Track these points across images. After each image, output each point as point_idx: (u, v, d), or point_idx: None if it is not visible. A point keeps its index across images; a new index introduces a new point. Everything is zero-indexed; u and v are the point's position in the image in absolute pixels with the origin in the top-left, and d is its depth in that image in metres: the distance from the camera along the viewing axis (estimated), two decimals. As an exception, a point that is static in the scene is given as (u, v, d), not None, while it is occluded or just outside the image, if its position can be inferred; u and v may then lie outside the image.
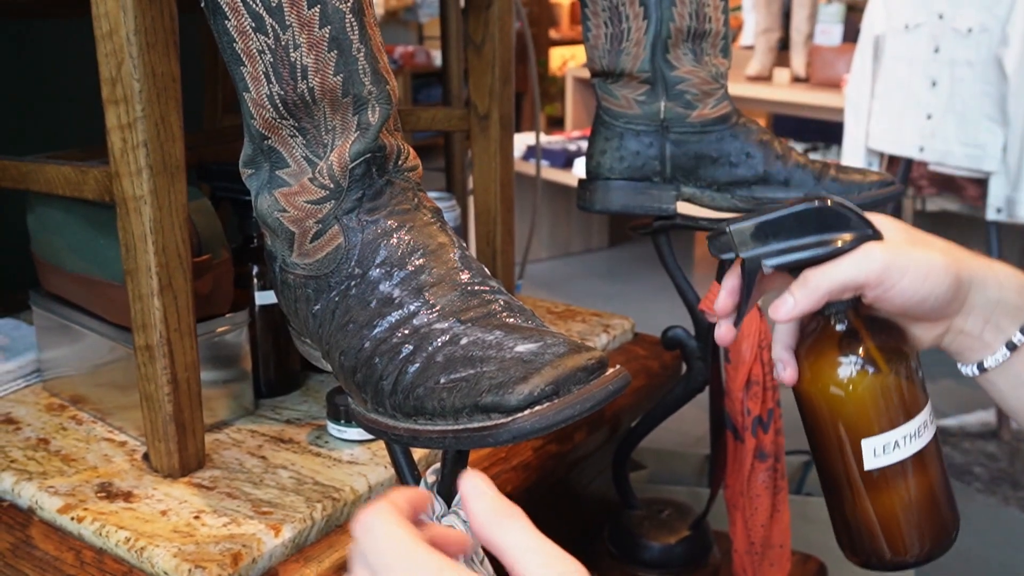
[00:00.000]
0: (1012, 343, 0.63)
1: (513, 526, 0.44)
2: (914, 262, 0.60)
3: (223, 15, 0.62)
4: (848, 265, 0.60)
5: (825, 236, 0.61)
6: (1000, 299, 0.63)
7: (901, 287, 0.60)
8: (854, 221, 0.62)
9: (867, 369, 0.62)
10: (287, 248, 0.68)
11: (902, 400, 0.63)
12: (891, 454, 0.63)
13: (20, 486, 0.85)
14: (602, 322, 1.26)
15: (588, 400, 0.54)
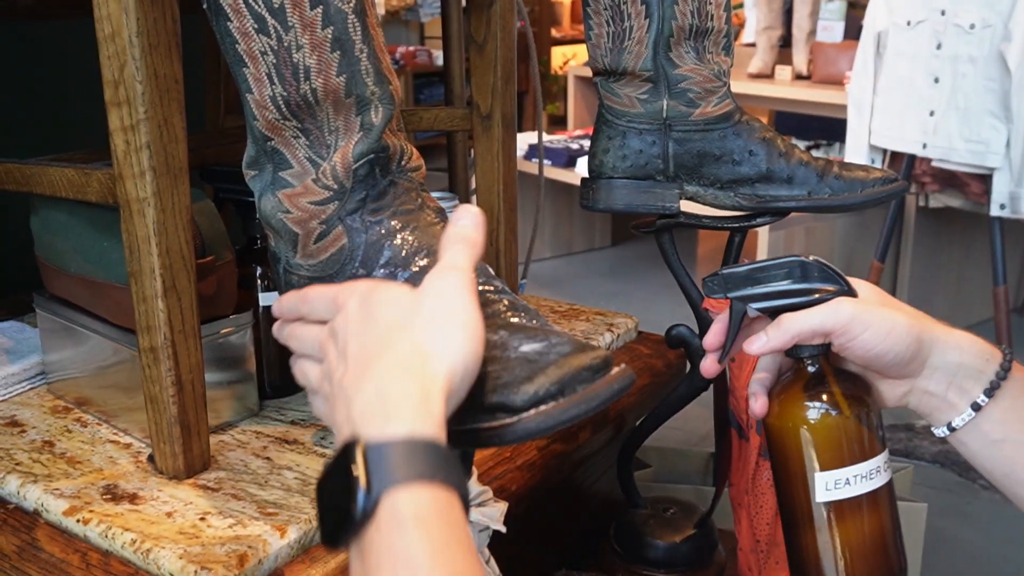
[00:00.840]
0: (977, 404, 0.68)
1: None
2: (878, 318, 0.67)
3: (225, 17, 0.62)
4: (818, 313, 0.67)
5: (804, 286, 0.69)
6: (961, 363, 0.69)
7: (864, 339, 0.67)
8: (832, 278, 0.69)
9: (829, 409, 0.68)
10: (291, 249, 0.68)
11: (858, 443, 0.69)
12: (842, 490, 0.68)
13: (26, 489, 0.85)
14: (606, 321, 1.26)
15: (593, 399, 0.54)
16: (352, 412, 0.51)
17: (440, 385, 0.52)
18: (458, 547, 0.47)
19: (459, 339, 0.53)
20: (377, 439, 0.49)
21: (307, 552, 0.79)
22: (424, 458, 0.48)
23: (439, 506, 0.48)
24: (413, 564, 0.45)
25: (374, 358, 0.52)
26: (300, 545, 0.78)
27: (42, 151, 1.02)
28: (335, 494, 0.49)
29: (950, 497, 2.19)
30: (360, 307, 0.56)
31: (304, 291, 0.61)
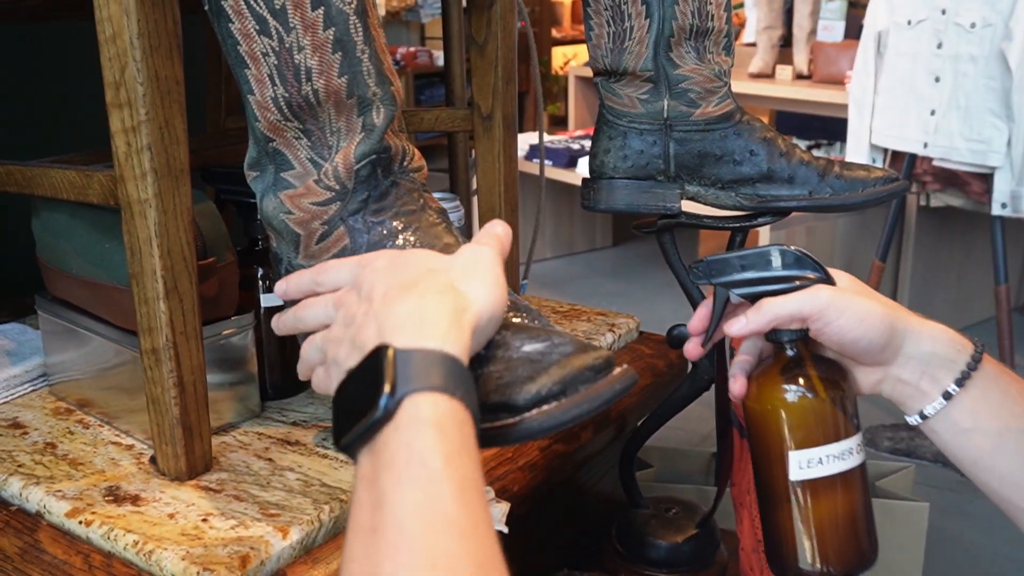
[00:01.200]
0: (948, 393, 0.71)
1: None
2: (853, 305, 0.70)
3: (227, 18, 0.62)
4: (795, 299, 0.70)
5: (784, 274, 0.72)
6: (934, 352, 0.71)
7: (839, 324, 0.69)
8: (812, 266, 0.72)
9: (805, 391, 0.71)
10: (293, 250, 0.68)
11: (832, 425, 0.71)
12: (814, 469, 0.71)
13: (28, 491, 0.85)
14: (607, 321, 1.26)
15: (596, 399, 0.54)
16: (383, 326, 0.54)
17: (470, 318, 0.55)
18: (468, 457, 0.49)
19: (488, 290, 0.57)
20: (407, 346, 0.51)
21: (309, 553, 0.79)
22: (449, 373, 0.51)
23: (458, 418, 0.50)
24: (427, 463, 0.47)
25: (408, 287, 0.55)
26: (302, 546, 0.78)
27: (43, 153, 1.02)
28: (356, 396, 0.51)
29: (952, 496, 2.19)
30: (390, 261, 0.59)
31: (321, 264, 0.64)
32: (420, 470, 0.47)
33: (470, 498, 0.47)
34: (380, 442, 0.49)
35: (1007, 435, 0.70)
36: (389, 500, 0.47)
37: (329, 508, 0.81)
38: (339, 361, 0.57)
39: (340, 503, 0.82)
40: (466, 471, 0.48)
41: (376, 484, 0.48)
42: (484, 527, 0.47)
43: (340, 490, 0.84)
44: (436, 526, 0.45)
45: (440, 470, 0.47)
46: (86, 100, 1.06)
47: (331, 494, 0.83)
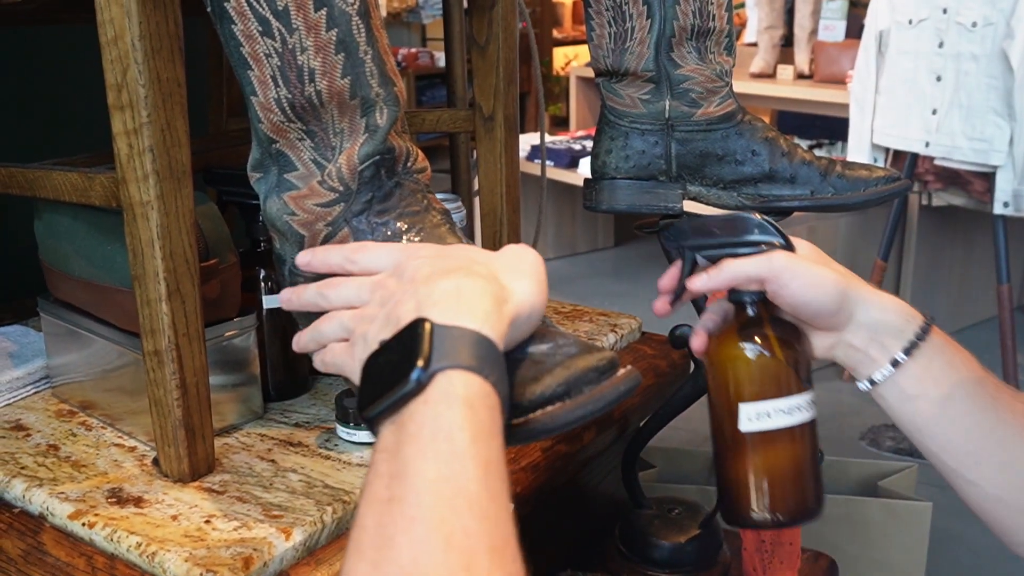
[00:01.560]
0: (896, 360, 0.74)
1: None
2: (808, 271, 0.73)
3: (229, 20, 0.62)
4: (753, 261, 0.74)
5: (748, 239, 0.77)
6: (883, 320, 0.74)
7: (792, 288, 0.73)
8: (774, 234, 0.76)
9: (759, 348, 0.75)
10: (296, 251, 0.68)
11: (784, 381, 0.75)
12: (763, 421, 0.75)
13: (31, 493, 0.85)
14: (610, 322, 1.26)
15: (600, 400, 0.54)
16: (423, 302, 0.53)
17: (510, 309, 0.55)
18: (495, 441, 0.49)
19: (530, 286, 0.57)
20: (446, 323, 0.51)
21: (312, 555, 0.79)
22: (486, 355, 0.51)
23: (489, 401, 0.50)
24: (454, 439, 0.47)
25: (451, 270, 0.55)
26: (305, 547, 0.78)
27: (44, 155, 1.02)
28: (387, 367, 0.51)
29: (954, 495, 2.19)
30: (435, 250, 0.59)
31: (358, 243, 0.64)
32: (445, 445, 0.47)
33: (493, 481, 0.47)
34: (406, 414, 0.49)
35: (950, 403, 0.73)
36: (410, 472, 0.46)
37: (332, 509, 0.81)
38: (369, 337, 0.56)
39: (343, 504, 0.82)
40: (492, 454, 0.48)
41: (398, 456, 0.47)
42: (504, 512, 0.47)
43: (343, 491, 0.84)
44: (456, 503, 0.45)
45: (466, 448, 0.47)
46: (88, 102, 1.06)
47: (334, 495, 0.83)
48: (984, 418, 0.73)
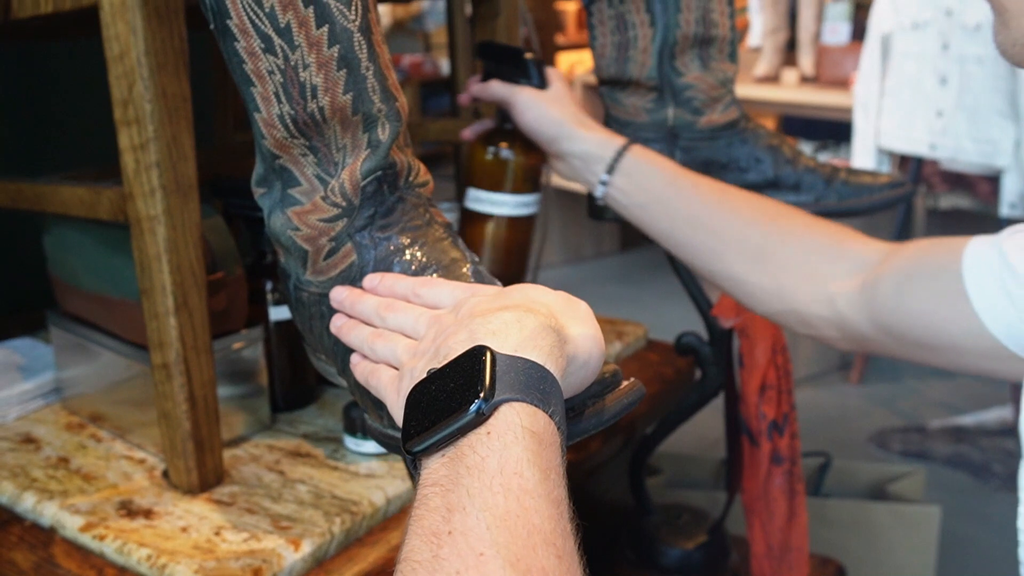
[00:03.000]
0: (603, 180, 0.93)
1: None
2: (538, 107, 0.93)
3: (233, 37, 0.62)
4: (506, 89, 0.95)
5: (518, 71, 0.96)
6: (587, 150, 0.93)
7: (526, 118, 0.94)
8: (534, 75, 0.96)
9: (496, 148, 0.97)
10: (301, 266, 0.69)
11: (508, 179, 0.97)
12: (478, 204, 0.97)
13: (42, 505, 0.86)
14: (615, 329, 1.26)
15: (603, 414, 0.54)
16: (477, 331, 0.50)
17: (569, 352, 0.52)
18: (560, 480, 0.46)
19: (587, 332, 0.54)
20: (509, 352, 0.48)
21: (321, 565, 0.79)
22: (550, 391, 0.48)
23: (555, 439, 0.47)
24: (523, 475, 0.44)
25: (511, 306, 0.52)
26: (314, 558, 0.79)
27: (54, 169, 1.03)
28: (439, 396, 0.48)
29: (964, 499, 2.18)
30: (496, 290, 0.57)
31: (427, 278, 0.63)
32: (516, 480, 0.43)
33: (565, 522, 0.44)
34: (464, 446, 0.45)
35: (652, 205, 0.91)
36: (476, 506, 0.42)
37: (340, 520, 0.82)
38: (415, 373, 0.53)
39: (351, 515, 0.83)
40: (562, 494, 0.45)
41: (456, 489, 0.44)
42: (578, 556, 0.44)
43: (351, 502, 0.84)
44: (532, 540, 0.42)
45: (537, 484, 0.44)
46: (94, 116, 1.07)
47: (342, 506, 0.84)
48: (691, 208, 0.89)
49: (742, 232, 0.86)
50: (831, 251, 0.83)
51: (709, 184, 0.90)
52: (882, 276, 0.78)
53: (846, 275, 0.81)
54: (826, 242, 0.84)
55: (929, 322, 0.75)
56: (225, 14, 0.62)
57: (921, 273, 0.76)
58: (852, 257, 0.82)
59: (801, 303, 0.84)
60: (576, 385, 0.54)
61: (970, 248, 0.73)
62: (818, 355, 2.93)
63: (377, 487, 0.87)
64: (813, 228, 0.85)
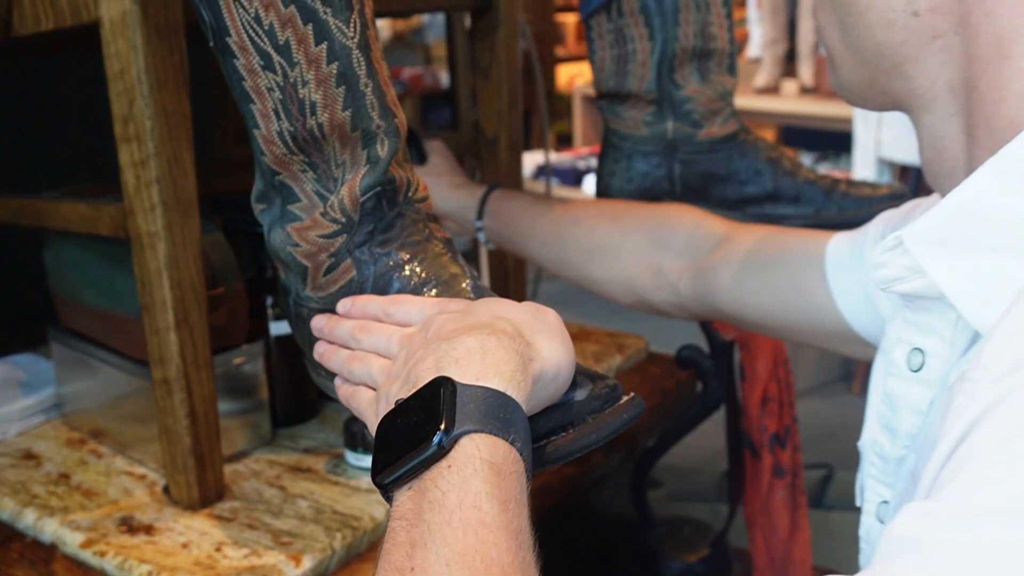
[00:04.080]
0: (478, 227, 1.04)
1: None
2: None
3: (232, 54, 0.62)
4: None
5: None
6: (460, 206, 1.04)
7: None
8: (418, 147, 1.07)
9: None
10: (301, 282, 0.69)
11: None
12: None
13: (43, 521, 0.86)
14: (616, 342, 1.26)
15: (603, 429, 0.54)
16: (443, 359, 0.51)
17: (535, 370, 0.52)
18: (524, 510, 0.46)
19: (555, 346, 0.55)
20: (469, 382, 0.49)
21: (322, 581, 0.79)
22: (511, 418, 0.48)
23: (516, 467, 0.47)
24: (482, 508, 0.44)
25: (476, 327, 0.53)
26: (315, 574, 0.78)
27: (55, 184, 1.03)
28: (404, 429, 0.48)
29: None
30: (465, 306, 0.58)
31: (395, 296, 0.64)
32: (474, 513, 0.44)
33: (524, 553, 0.44)
34: (428, 479, 0.46)
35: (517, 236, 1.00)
36: (436, 541, 0.43)
37: (341, 535, 0.81)
38: (390, 396, 0.54)
39: (352, 530, 0.82)
40: (522, 524, 0.45)
41: (419, 524, 0.45)
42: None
43: (352, 517, 0.84)
44: (490, 574, 0.42)
45: (495, 516, 0.44)
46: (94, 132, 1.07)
47: (343, 521, 0.83)
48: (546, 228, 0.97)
49: (587, 237, 0.93)
50: (667, 239, 0.89)
51: (560, 204, 0.99)
52: (718, 266, 0.84)
53: (681, 259, 0.87)
54: (662, 231, 0.90)
55: (772, 310, 0.80)
56: (224, 32, 0.62)
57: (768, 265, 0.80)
58: (686, 240, 0.88)
59: (648, 292, 0.90)
60: (547, 399, 0.55)
61: (832, 242, 0.78)
62: (820, 366, 2.92)
63: (378, 502, 0.87)
64: (649, 218, 0.92)
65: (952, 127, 0.52)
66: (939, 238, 0.51)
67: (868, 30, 0.52)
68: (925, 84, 0.52)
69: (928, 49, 0.51)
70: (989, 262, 0.49)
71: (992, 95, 0.48)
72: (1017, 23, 0.46)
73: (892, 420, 0.60)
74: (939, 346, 0.56)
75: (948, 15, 0.49)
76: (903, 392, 0.58)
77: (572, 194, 3.76)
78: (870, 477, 0.63)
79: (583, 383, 0.57)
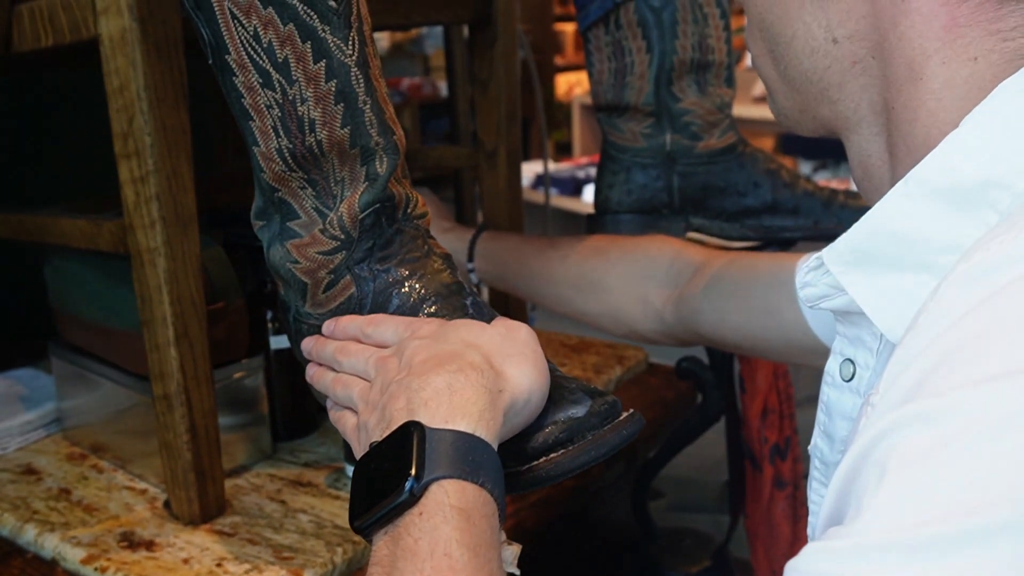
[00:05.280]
0: (470, 268, 1.06)
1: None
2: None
3: (231, 72, 0.63)
4: None
5: None
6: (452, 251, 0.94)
7: None
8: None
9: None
10: (300, 298, 0.69)
11: None
12: None
13: (43, 537, 0.86)
14: (616, 354, 1.26)
15: (603, 445, 0.55)
16: (414, 400, 0.53)
17: (505, 401, 0.54)
18: (494, 551, 0.48)
19: (525, 371, 0.56)
20: (437, 426, 0.50)
21: (323, 596, 0.79)
22: (480, 461, 0.50)
23: (486, 510, 0.49)
24: (452, 555, 0.46)
25: (446, 361, 0.55)
26: (316, 589, 0.78)
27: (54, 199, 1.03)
28: (379, 475, 0.50)
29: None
30: (435, 330, 0.59)
31: (373, 316, 0.65)
32: (444, 560, 0.45)
33: None
34: (401, 526, 0.48)
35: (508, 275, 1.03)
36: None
37: (342, 550, 0.81)
38: (369, 428, 0.56)
39: (353, 545, 0.82)
40: (493, 567, 0.47)
41: (393, 572, 0.46)
42: None
43: (353, 532, 0.84)
44: None
45: (466, 563, 0.45)
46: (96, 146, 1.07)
47: (344, 536, 0.83)
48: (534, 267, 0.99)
49: (575, 272, 0.96)
50: (650, 269, 0.91)
51: (547, 242, 1.01)
52: (696, 292, 0.86)
53: (665, 288, 0.90)
54: (644, 262, 0.93)
55: (749, 330, 0.83)
56: (223, 49, 0.62)
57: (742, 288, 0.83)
58: (667, 269, 0.90)
59: (637, 322, 0.92)
60: (523, 423, 0.56)
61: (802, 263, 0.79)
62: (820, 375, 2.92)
63: (379, 516, 0.87)
64: (632, 251, 0.95)
65: (876, 146, 0.54)
66: (855, 258, 0.53)
67: (796, 58, 0.54)
68: (850, 107, 0.54)
69: (849, 74, 0.52)
70: (901, 279, 0.51)
71: (907, 115, 0.50)
72: (927, 46, 0.48)
73: (829, 427, 0.62)
74: (867, 357, 0.58)
75: (864, 41, 0.51)
76: (837, 400, 0.61)
77: (571, 204, 3.77)
78: (815, 480, 0.65)
79: (582, 400, 0.57)
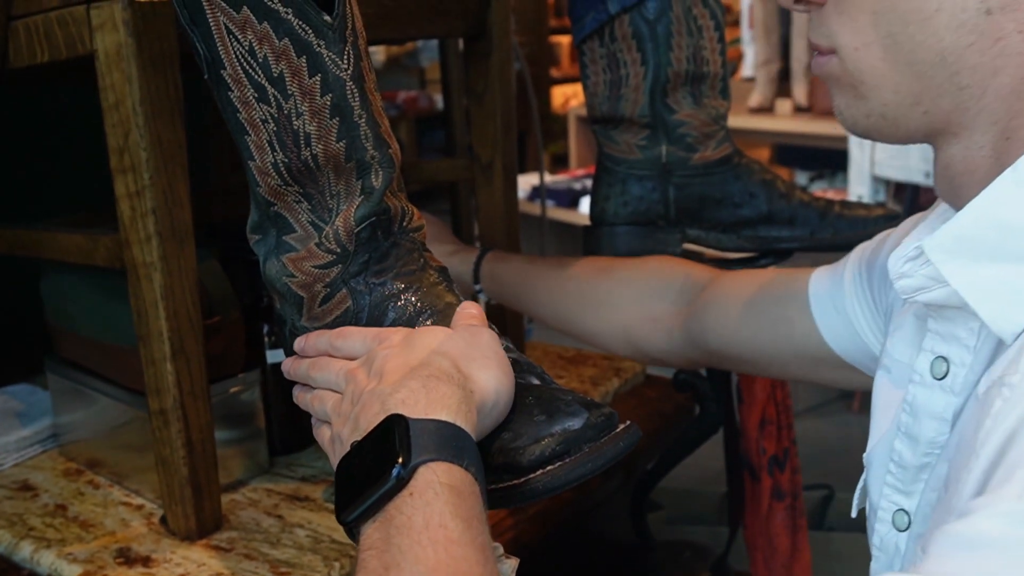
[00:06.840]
0: (477, 289, 1.05)
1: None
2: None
3: (226, 87, 0.63)
4: None
5: None
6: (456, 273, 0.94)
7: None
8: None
9: None
10: (296, 312, 0.69)
11: None
12: None
13: (39, 554, 0.85)
14: (613, 366, 1.26)
15: (599, 458, 0.54)
16: (388, 402, 0.54)
17: (476, 400, 0.55)
18: (483, 526, 0.49)
19: (491, 373, 0.57)
20: (420, 417, 0.51)
21: (320, 611, 0.79)
22: (463, 446, 0.51)
23: (473, 488, 0.50)
24: (448, 526, 0.47)
25: (416, 368, 0.56)
26: (313, 604, 0.78)
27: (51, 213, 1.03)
28: (362, 469, 0.51)
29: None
30: (403, 340, 0.60)
31: (340, 329, 0.66)
32: (441, 532, 0.46)
33: (491, 565, 0.47)
34: (392, 509, 0.48)
35: (515, 295, 1.02)
36: (408, 560, 0.45)
37: (339, 565, 0.81)
38: (343, 438, 0.57)
39: (350, 559, 0.82)
40: (486, 539, 0.48)
41: (389, 550, 0.47)
42: None
43: (350, 546, 0.84)
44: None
45: (462, 533, 0.46)
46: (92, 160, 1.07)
47: (341, 550, 0.83)
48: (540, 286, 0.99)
49: (582, 289, 0.96)
50: (661, 289, 0.91)
51: (553, 261, 1.03)
52: (706, 308, 0.86)
53: (676, 307, 0.90)
54: (655, 281, 0.92)
55: (760, 343, 0.82)
56: (219, 64, 0.62)
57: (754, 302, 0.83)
58: (679, 289, 0.90)
59: (643, 340, 0.92)
60: (491, 426, 0.58)
61: (814, 276, 0.80)
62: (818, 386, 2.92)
63: (376, 530, 0.86)
64: (641, 269, 0.95)
65: (987, 138, 0.52)
66: (959, 247, 0.52)
67: (935, 35, 0.51)
68: (976, 94, 0.51)
69: (989, 53, 0.50)
70: (1010, 270, 0.49)
71: None
72: None
73: (913, 428, 0.60)
74: (963, 354, 0.56)
75: (1017, 13, 0.49)
76: (926, 400, 0.59)
77: (568, 216, 3.77)
78: (886, 485, 0.63)
79: (579, 412, 0.57)
